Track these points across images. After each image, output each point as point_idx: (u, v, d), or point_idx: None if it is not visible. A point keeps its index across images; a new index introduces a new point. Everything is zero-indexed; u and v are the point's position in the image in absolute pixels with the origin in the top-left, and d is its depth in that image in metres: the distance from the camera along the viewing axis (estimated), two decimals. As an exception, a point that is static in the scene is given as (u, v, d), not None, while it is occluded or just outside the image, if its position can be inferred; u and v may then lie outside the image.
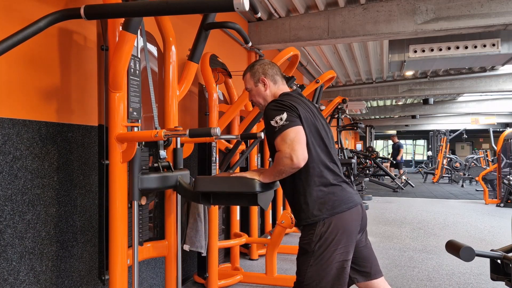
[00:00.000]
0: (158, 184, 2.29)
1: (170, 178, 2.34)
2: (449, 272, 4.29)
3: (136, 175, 2.20)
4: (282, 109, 2.01)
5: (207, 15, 2.77)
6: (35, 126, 2.25)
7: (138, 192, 2.21)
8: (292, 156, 1.91)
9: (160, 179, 2.30)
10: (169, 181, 2.34)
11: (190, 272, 4.02)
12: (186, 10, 1.68)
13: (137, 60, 2.38)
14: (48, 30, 1.89)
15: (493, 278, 2.15)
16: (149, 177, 2.25)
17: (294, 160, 1.91)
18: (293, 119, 1.98)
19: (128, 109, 2.25)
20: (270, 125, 2.00)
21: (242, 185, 2.09)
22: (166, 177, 2.32)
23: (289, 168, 1.95)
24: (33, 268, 2.23)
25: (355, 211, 2.08)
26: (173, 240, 2.64)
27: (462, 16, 4.84)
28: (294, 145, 1.93)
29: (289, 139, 1.94)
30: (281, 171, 1.98)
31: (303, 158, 1.94)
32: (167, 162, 2.38)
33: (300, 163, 1.93)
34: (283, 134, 1.95)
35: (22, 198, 2.16)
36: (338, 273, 2.00)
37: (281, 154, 1.95)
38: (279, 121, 1.97)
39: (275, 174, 2.02)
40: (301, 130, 1.98)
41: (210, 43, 3.18)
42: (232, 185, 2.12)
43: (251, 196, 2.14)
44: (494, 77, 10.33)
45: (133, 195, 2.20)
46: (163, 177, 2.31)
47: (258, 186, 2.06)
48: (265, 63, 2.31)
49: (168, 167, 2.37)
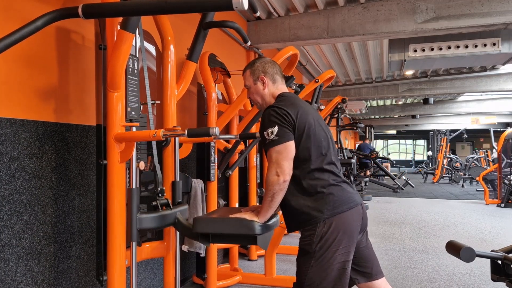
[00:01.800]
0: (157, 224, 2.28)
1: (168, 217, 2.33)
2: (449, 273, 4.30)
3: (135, 216, 2.18)
4: (275, 121, 2.03)
5: (206, 14, 2.77)
6: (32, 126, 2.25)
7: (136, 232, 2.20)
8: (277, 172, 1.98)
9: (159, 218, 2.28)
10: (167, 220, 2.33)
11: (189, 272, 4.02)
12: (185, 9, 1.68)
13: (135, 60, 2.38)
14: (45, 29, 1.89)
15: (494, 279, 2.15)
16: (147, 217, 2.23)
17: (280, 175, 1.97)
18: (283, 133, 2.01)
19: (126, 109, 2.26)
20: (263, 134, 2.06)
21: (242, 228, 2.10)
22: (165, 216, 2.31)
23: (278, 185, 1.98)
24: (31, 269, 2.23)
25: (355, 211, 2.09)
26: (172, 241, 2.64)
27: (463, 15, 4.85)
28: (280, 161, 1.98)
29: (275, 157, 2.00)
30: (273, 195, 2.01)
31: (289, 173, 2.00)
32: (166, 200, 2.37)
33: (286, 177, 1.98)
34: (271, 151, 2.01)
35: (19, 198, 2.16)
36: (339, 273, 2.00)
37: (268, 173, 2.01)
38: (270, 135, 2.02)
39: (269, 203, 2.04)
40: (289, 146, 2.02)
41: (208, 43, 3.19)
42: (231, 227, 2.13)
43: (251, 238, 2.15)
44: (494, 76, 10.34)
45: (132, 236, 2.19)
46: (161, 216, 2.29)
47: (257, 229, 2.08)
48: (266, 61, 2.31)
49: (167, 204, 2.37)
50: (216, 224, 2.18)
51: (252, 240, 2.15)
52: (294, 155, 2.03)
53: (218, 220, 2.20)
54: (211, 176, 3.55)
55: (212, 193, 3.56)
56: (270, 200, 2.02)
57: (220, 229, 2.17)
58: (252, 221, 2.07)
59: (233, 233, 2.15)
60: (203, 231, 2.20)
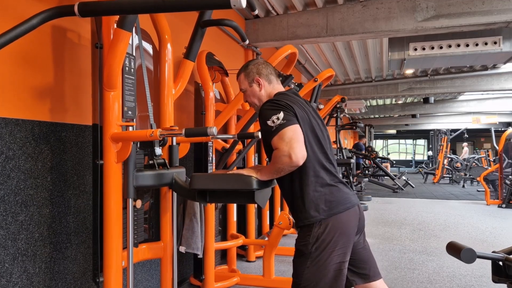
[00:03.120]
0: (153, 182, 2.30)
1: (165, 176, 2.35)
2: (450, 274, 4.31)
3: (131, 172, 2.20)
4: (279, 108, 2.02)
5: (203, 12, 2.78)
6: (28, 126, 2.25)
7: (133, 189, 2.21)
8: (290, 154, 1.92)
9: (155, 176, 2.30)
10: (164, 179, 2.35)
11: (186, 274, 4.03)
12: (182, 7, 1.69)
13: (132, 58, 2.38)
14: (41, 27, 1.90)
15: (495, 280, 2.16)
16: (144, 174, 2.25)
17: (293, 158, 1.92)
18: (290, 118, 1.99)
19: (123, 108, 2.26)
20: (267, 125, 2.01)
21: (239, 183, 2.09)
22: (162, 175, 2.33)
23: (288, 166, 1.96)
24: (26, 270, 2.23)
25: (352, 212, 2.09)
26: (169, 242, 2.64)
27: (463, 14, 4.86)
28: (292, 143, 1.93)
29: (287, 137, 1.94)
30: (279, 170, 1.99)
31: (302, 156, 1.95)
32: (163, 160, 2.37)
33: (299, 161, 1.94)
34: (280, 133, 1.96)
35: (14, 199, 2.17)
36: (336, 275, 2.01)
37: (279, 152, 1.95)
38: (276, 121, 1.98)
39: (273, 172, 2.03)
40: (298, 129, 1.99)
41: (206, 41, 3.19)
42: (228, 182, 2.13)
43: (248, 194, 2.14)
44: (495, 75, 10.36)
45: (128, 192, 2.20)
46: (158, 175, 2.31)
47: (255, 184, 2.05)
48: (259, 62, 2.32)
49: (164, 164, 2.37)
50: (213, 180, 2.19)
51: (249, 197, 2.15)
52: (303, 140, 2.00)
53: (215, 176, 2.22)
54: (209, 176, 3.55)
55: (209, 194, 3.56)
56: (273, 172, 2.02)
57: (217, 185, 2.17)
58: (250, 176, 2.06)
59: (231, 189, 2.15)
60: (200, 187, 2.20)
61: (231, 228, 4.47)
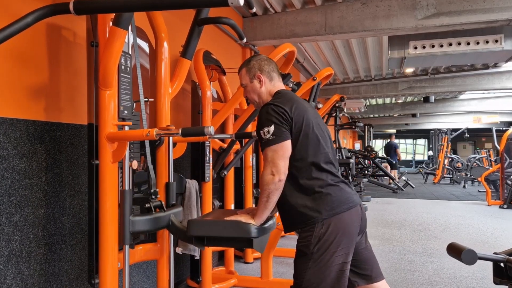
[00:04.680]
0: (150, 227, 2.29)
1: (162, 219, 2.33)
2: (450, 276, 4.32)
3: (127, 218, 2.18)
4: (271, 120, 2.05)
5: (200, 10, 2.78)
6: (22, 125, 2.25)
7: (129, 235, 2.20)
8: (273, 171, 1.99)
9: (152, 221, 2.28)
10: (161, 222, 2.33)
11: (183, 275, 4.03)
12: (179, 5, 1.69)
13: (128, 57, 2.39)
14: (36, 25, 1.90)
15: (496, 282, 2.16)
16: (140, 219, 2.23)
17: (276, 175, 1.99)
18: (279, 132, 2.03)
19: (119, 107, 2.26)
20: (259, 133, 2.07)
21: (237, 231, 2.11)
22: (158, 218, 2.32)
23: (273, 185, 1.99)
24: (21, 272, 2.23)
25: (354, 212, 2.10)
26: (165, 243, 2.65)
27: (464, 11, 4.87)
28: (275, 160, 2.00)
29: (270, 156, 2.02)
30: (268, 195, 2.01)
31: (284, 172, 2.01)
32: (159, 202, 2.37)
33: (281, 176, 2.00)
34: (266, 150, 2.03)
35: (9, 199, 2.17)
36: (338, 276, 2.01)
37: (263, 173, 2.03)
38: (266, 134, 2.03)
39: (265, 204, 2.04)
40: (285, 145, 2.03)
41: (203, 39, 3.19)
42: (226, 230, 2.14)
43: (247, 241, 2.16)
44: (497, 74, 10.39)
45: (125, 239, 2.20)
46: (155, 219, 2.29)
47: (253, 232, 2.08)
48: (261, 58, 2.33)
49: (160, 206, 2.37)
50: (211, 227, 2.19)
51: (248, 244, 2.16)
52: (290, 154, 2.04)
53: (213, 223, 2.21)
54: (206, 176, 3.56)
55: (207, 194, 3.57)
56: (265, 200, 2.03)
57: (215, 232, 2.18)
58: (248, 223, 2.08)
59: (229, 236, 2.16)
60: (197, 234, 2.21)
61: (229, 229, 4.46)
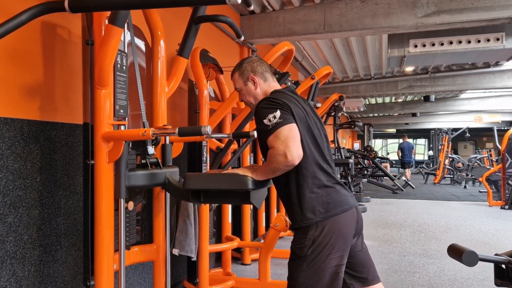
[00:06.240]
0: (146, 182, 2.31)
1: (158, 175, 2.35)
2: (451, 278, 4.34)
3: (123, 172, 2.21)
4: (275, 106, 2.02)
5: (197, 8, 2.79)
6: (17, 125, 2.26)
7: (125, 189, 2.22)
8: (286, 153, 1.92)
9: (148, 176, 2.31)
10: (157, 178, 2.35)
11: (180, 277, 4.03)
12: (176, 3, 1.70)
13: (124, 55, 2.39)
14: (30, 24, 1.90)
15: (497, 284, 2.17)
16: (136, 173, 2.26)
17: (288, 158, 1.92)
18: (286, 116, 2.00)
19: (115, 107, 2.27)
20: (263, 123, 2.01)
21: (234, 183, 2.09)
22: (154, 174, 2.33)
23: (283, 166, 1.96)
24: (15, 273, 2.24)
25: (350, 214, 2.10)
26: (162, 244, 2.65)
27: (465, 9, 4.88)
28: (288, 142, 1.94)
29: (283, 136, 1.95)
30: (274, 169, 2.00)
31: (298, 156, 1.95)
32: (156, 159, 2.38)
33: (294, 160, 1.94)
34: (276, 132, 1.96)
35: (3, 200, 2.17)
36: (332, 278, 2.01)
37: (274, 151, 1.96)
38: (272, 119, 1.98)
39: (268, 172, 2.04)
40: (295, 128, 2.00)
41: (200, 38, 3.20)
42: (223, 182, 2.13)
43: (244, 194, 2.14)
44: (498, 73, 10.41)
45: (120, 192, 2.21)
46: (151, 174, 2.32)
47: (251, 184, 2.05)
48: (253, 60, 2.33)
49: (157, 164, 2.38)
50: (208, 180, 2.19)
51: (245, 198, 2.15)
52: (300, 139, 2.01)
53: (209, 176, 2.22)
54: (203, 176, 3.56)
55: (204, 195, 3.57)
56: (270, 171, 2.02)
57: (212, 184, 2.17)
58: (245, 175, 2.07)
59: (226, 189, 2.14)
60: (194, 188, 2.20)
61: (226, 230, 4.48)
